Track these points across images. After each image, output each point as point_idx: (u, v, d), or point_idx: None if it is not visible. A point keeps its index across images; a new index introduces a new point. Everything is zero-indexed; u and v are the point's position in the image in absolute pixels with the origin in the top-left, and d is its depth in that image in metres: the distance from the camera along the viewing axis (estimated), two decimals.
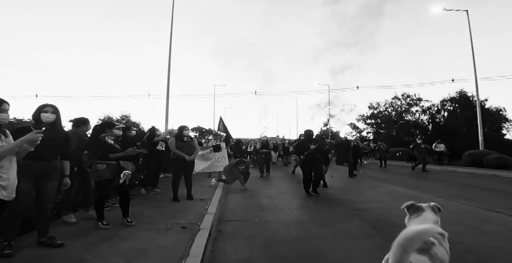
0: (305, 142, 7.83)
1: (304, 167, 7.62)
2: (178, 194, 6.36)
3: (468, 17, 17.86)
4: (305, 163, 7.52)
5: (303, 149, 7.58)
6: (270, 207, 6.14)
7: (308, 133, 8.01)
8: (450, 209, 5.62)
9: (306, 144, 7.65)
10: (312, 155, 7.42)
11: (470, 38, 17.97)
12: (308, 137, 7.95)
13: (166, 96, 17.77)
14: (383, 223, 4.78)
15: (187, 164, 6.39)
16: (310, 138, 7.99)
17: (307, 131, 8.05)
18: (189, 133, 6.66)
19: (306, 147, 7.53)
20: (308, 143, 7.68)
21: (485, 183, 9.89)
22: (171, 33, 17.06)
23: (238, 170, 8.59)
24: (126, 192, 4.44)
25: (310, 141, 7.76)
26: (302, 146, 7.77)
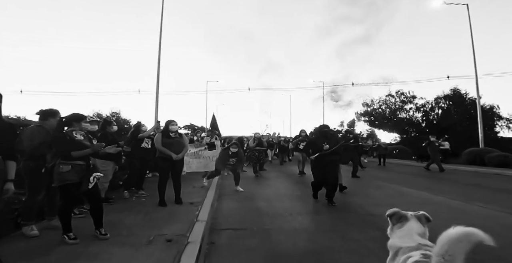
0: (319, 140, 6.39)
1: (315, 170, 6.30)
2: (166, 197, 5.63)
3: (469, 12, 17.39)
4: (317, 166, 6.19)
5: (316, 148, 6.24)
6: (269, 212, 5.45)
7: (323, 130, 6.50)
8: (471, 214, 5.03)
9: (320, 143, 6.21)
10: (326, 156, 6.07)
11: (470, 33, 17.50)
12: (323, 135, 6.46)
13: (156, 91, 16.99)
14: None
15: (174, 163, 5.64)
16: (326, 135, 6.44)
17: (323, 127, 6.61)
18: (177, 128, 5.90)
19: (319, 146, 6.16)
20: (322, 141, 6.23)
21: (495, 182, 9.33)
22: (161, 24, 16.29)
23: (228, 155, 7.89)
24: (97, 198, 3.66)
25: (324, 140, 6.27)
26: (314, 144, 6.39)
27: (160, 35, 16.26)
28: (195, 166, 10.50)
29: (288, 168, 13.91)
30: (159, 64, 16.26)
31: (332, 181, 6.05)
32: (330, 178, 6.04)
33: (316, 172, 6.28)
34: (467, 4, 17.48)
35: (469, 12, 17.35)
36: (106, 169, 5.62)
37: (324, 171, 6.06)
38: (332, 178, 6.06)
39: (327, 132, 6.48)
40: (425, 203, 5.83)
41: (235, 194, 7.37)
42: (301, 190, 7.89)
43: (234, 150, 7.82)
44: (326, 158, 6.07)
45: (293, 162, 16.13)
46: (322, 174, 6.12)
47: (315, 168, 6.29)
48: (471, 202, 5.93)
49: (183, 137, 5.97)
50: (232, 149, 7.83)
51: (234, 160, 7.86)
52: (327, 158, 6.07)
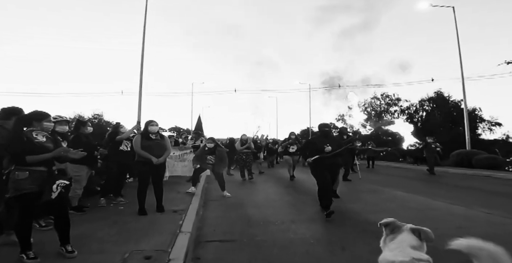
0: (319, 140, 5.55)
1: (318, 173, 5.39)
2: (146, 204, 5.13)
3: (455, 14, 17.45)
4: (318, 168, 5.36)
5: (314, 150, 5.42)
6: (260, 220, 5.01)
7: (324, 130, 5.64)
8: (476, 220, 4.70)
9: (320, 144, 5.39)
10: (327, 159, 5.31)
11: (456, 36, 17.56)
12: (323, 135, 5.61)
13: (139, 92, 16.32)
14: None
15: (155, 167, 5.12)
16: (327, 136, 5.58)
17: (323, 126, 5.70)
18: (157, 129, 5.38)
19: (319, 148, 5.34)
20: (323, 142, 5.40)
21: (488, 185, 9.14)
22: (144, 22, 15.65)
23: (203, 150, 7.36)
24: (62, 210, 3.12)
25: (325, 140, 5.42)
26: (313, 146, 5.54)
27: (143, 33, 15.64)
28: (180, 169, 10.00)
29: (277, 171, 13.50)
30: (142, 64, 15.63)
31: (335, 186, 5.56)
32: (333, 181, 5.49)
33: (320, 175, 5.33)
34: (453, 7, 17.56)
35: (455, 14, 17.42)
36: (80, 174, 5.10)
37: (328, 172, 5.33)
38: (336, 184, 5.55)
39: (328, 132, 5.64)
40: (425, 209, 5.51)
41: (222, 200, 6.90)
42: (292, 195, 7.49)
43: (210, 146, 7.29)
44: (327, 161, 5.30)
45: (281, 165, 15.73)
46: (327, 176, 5.28)
47: (316, 170, 5.41)
48: (472, 207, 5.63)
49: (164, 139, 5.46)
50: (208, 144, 7.32)
51: (212, 157, 7.25)
52: (327, 161, 5.31)
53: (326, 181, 5.23)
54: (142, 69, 15.61)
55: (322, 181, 5.26)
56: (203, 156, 7.25)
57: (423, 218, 4.77)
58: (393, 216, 5.00)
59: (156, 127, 5.31)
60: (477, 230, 4.11)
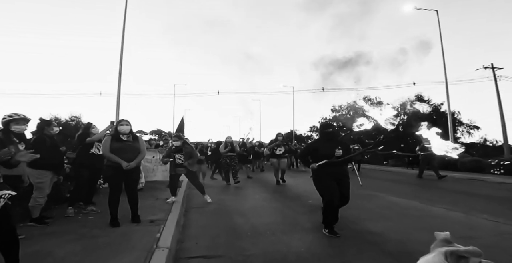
0: (322, 144, 4.47)
1: (323, 183, 4.32)
2: (120, 214, 4.56)
3: (438, 18, 17.51)
4: (324, 177, 4.30)
5: (317, 155, 4.36)
6: (247, 231, 4.52)
7: (327, 131, 4.56)
8: (483, 229, 4.35)
9: (324, 149, 4.34)
10: (336, 166, 4.30)
11: (440, 40, 17.65)
12: (327, 137, 4.53)
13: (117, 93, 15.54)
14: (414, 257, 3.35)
15: (127, 173, 4.52)
16: (331, 138, 4.53)
17: (326, 127, 4.70)
18: (128, 129, 4.75)
19: (324, 153, 4.30)
20: (326, 146, 4.35)
21: (478, 189, 8.95)
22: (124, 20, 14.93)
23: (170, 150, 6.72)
24: (7, 227, 2.52)
25: (330, 144, 4.37)
26: (315, 150, 4.47)
27: (123, 30, 14.88)
28: (161, 174, 9.40)
29: (263, 175, 13.04)
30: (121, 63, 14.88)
31: (342, 203, 4.28)
32: (346, 197, 4.28)
33: (326, 185, 4.26)
34: (436, 10, 17.64)
35: (439, 18, 17.51)
36: (42, 180, 4.49)
37: (335, 184, 4.23)
38: (344, 201, 4.27)
39: (333, 134, 4.59)
40: (425, 216, 5.15)
41: (205, 206, 6.38)
42: (280, 201, 7.03)
43: (177, 143, 6.58)
44: (335, 169, 4.27)
45: (268, 169, 15.26)
46: (335, 187, 4.21)
47: (321, 179, 4.33)
48: (471, 213, 5.31)
49: (138, 140, 4.84)
50: (175, 142, 6.63)
51: (180, 155, 6.53)
52: (336, 169, 4.27)
53: (334, 192, 4.18)
54: (121, 69, 14.86)
55: (331, 193, 4.18)
56: (170, 155, 6.63)
57: (426, 226, 4.40)
58: (394, 224, 4.61)
59: (127, 127, 4.69)
60: (487, 240, 3.76)
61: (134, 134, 4.84)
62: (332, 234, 4.13)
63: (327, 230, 4.21)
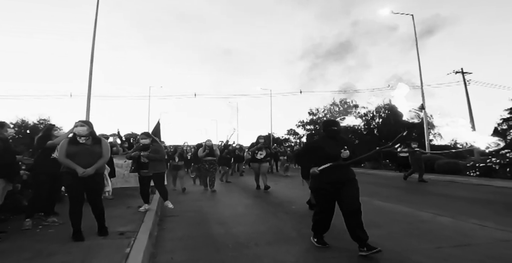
0: (327, 143, 3.78)
1: (321, 194, 3.75)
2: (86, 225, 4.03)
3: (414, 22, 17.86)
4: (324, 186, 3.66)
5: (322, 157, 3.68)
6: (228, 242, 4.11)
7: (330, 129, 3.82)
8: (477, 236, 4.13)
9: (330, 148, 3.68)
10: (341, 170, 3.67)
11: (415, 44, 17.98)
12: (330, 135, 3.83)
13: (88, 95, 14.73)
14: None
15: (87, 180, 3.96)
16: (335, 136, 3.82)
17: (329, 124, 3.90)
18: (86, 131, 4.13)
19: (328, 154, 3.65)
20: (332, 145, 3.71)
21: (458, 191, 8.94)
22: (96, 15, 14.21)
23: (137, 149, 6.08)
24: None
25: (335, 143, 3.73)
26: (320, 150, 3.75)
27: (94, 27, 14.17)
28: (134, 180, 8.77)
29: (242, 180, 12.64)
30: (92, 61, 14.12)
31: (354, 208, 3.53)
32: (351, 203, 3.53)
33: (322, 206, 3.75)
34: (412, 15, 17.99)
35: (414, 22, 17.85)
36: None
37: (337, 194, 3.62)
38: (354, 204, 3.54)
39: (336, 133, 3.82)
40: (415, 222, 4.91)
41: (182, 215, 5.92)
42: (262, 207, 6.67)
43: (145, 141, 5.98)
44: (339, 174, 3.63)
45: (248, 172, 14.88)
46: (332, 201, 3.69)
47: (320, 189, 3.72)
48: (460, 217, 5.13)
49: (100, 144, 4.24)
50: (142, 140, 6.02)
51: (145, 153, 5.91)
52: (339, 174, 3.63)
53: (328, 207, 3.71)
54: (92, 68, 14.10)
55: (323, 206, 3.74)
56: (136, 154, 6.05)
57: (418, 233, 4.17)
58: (385, 231, 4.21)
59: (82, 128, 4.10)
60: (485, 249, 3.54)
61: (96, 136, 4.29)
62: (321, 244, 3.79)
63: (316, 239, 3.85)
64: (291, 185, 10.67)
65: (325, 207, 3.74)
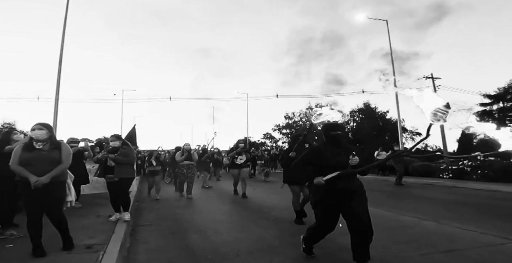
0: (329, 149, 3.29)
1: (323, 206, 3.25)
2: (49, 238, 3.64)
3: (388, 27, 18.28)
4: (327, 199, 3.19)
5: (327, 165, 3.19)
6: (207, 252, 3.85)
7: (334, 134, 3.31)
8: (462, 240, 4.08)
9: (334, 156, 3.22)
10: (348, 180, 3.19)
11: (390, 48, 18.38)
12: (333, 141, 3.32)
13: (55, 98, 13.94)
14: None
15: (44, 189, 3.47)
16: (338, 142, 3.31)
17: (332, 128, 3.38)
18: (44, 136, 3.67)
19: (337, 161, 3.18)
20: (335, 152, 3.24)
21: (434, 193, 9.09)
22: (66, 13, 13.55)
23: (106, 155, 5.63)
24: None
25: (347, 149, 3.27)
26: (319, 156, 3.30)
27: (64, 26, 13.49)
28: (102, 185, 8.29)
29: (219, 185, 12.31)
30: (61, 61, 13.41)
31: (363, 225, 3.09)
32: (360, 221, 3.08)
33: (327, 213, 3.24)
34: (386, 20, 18.42)
35: (388, 27, 18.27)
36: None
37: (343, 207, 3.15)
38: (363, 222, 3.09)
39: (341, 137, 3.36)
40: (398, 227, 4.83)
41: (157, 223, 5.59)
42: (240, 214, 6.43)
43: (115, 144, 5.54)
44: (346, 183, 3.15)
45: (225, 177, 14.57)
46: (337, 217, 3.22)
47: (322, 202, 3.25)
48: (443, 221, 5.11)
49: (60, 149, 3.77)
50: (112, 143, 5.58)
51: (113, 156, 5.44)
52: (347, 183, 3.16)
53: (330, 221, 3.26)
54: (60, 69, 13.38)
55: (325, 220, 3.28)
56: (103, 156, 5.64)
57: (404, 239, 4.08)
58: None
59: (40, 131, 3.65)
60: (475, 254, 3.47)
61: (56, 140, 3.89)
62: (306, 253, 3.56)
63: (305, 246, 3.55)
64: (270, 190, 10.48)
65: (327, 223, 3.27)
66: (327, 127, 3.43)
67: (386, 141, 30.85)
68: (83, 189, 7.29)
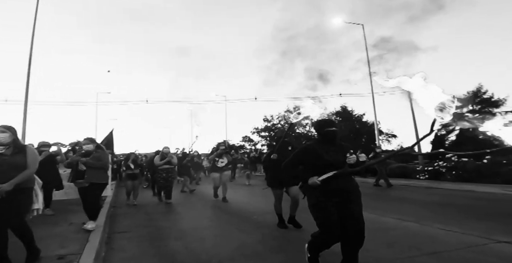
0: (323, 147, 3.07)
1: (324, 217, 2.93)
2: (15, 250, 3.34)
3: (364, 31, 18.63)
4: (327, 209, 2.92)
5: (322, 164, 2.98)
6: (188, 260, 3.69)
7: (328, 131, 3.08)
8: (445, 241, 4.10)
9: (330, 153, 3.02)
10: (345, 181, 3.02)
11: (366, 52, 18.73)
12: (327, 138, 3.12)
13: (25, 100, 13.40)
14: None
15: (6, 197, 3.17)
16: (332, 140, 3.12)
17: (328, 123, 3.15)
18: (8, 139, 3.36)
19: (333, 160, 2.98)
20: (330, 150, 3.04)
21: (411, 194, 9.24)
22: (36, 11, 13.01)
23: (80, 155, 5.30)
24: None
25: (342, 148, 3.10)
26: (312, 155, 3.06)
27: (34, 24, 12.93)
28: (74, 191, 7.93)
29: (199, 188, 12.03)
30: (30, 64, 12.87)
31: (362, 224, 2.94)
32: (358, 218, 2.93)
33: (328, 214, 2.90)
34: (362, 24, 18.78)
35: (364, 31, 18.63)
36: None
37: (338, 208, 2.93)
38: (359, 223, 2.93)
39: (336, 134, 3.12)
40: (381, 228, 4.80)
41: (134, 230, 5.34)
42: (221, 219, 6.28)
43: (88, 147, 5.21)
44: (343, 183, 2.97)
45: (205, 180, 14.32)
46: (337, 224, 2.88)
47: (323, 209, 2.93)
48: (425, 222, 5.15)
49: (25, 153, 3.46)
50: (85, 146, 5.24)
51: (84, 160, 5.12)
52: (344, 183, 2.98)
53: (336, 231, 2.88)
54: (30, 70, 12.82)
55: (332, 232, 2.89)
56: (73, 159, 5.32)
57: (388, 242, 4.06)
58: None
59: (5, 134, 3.35)
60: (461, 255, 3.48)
61: (20, 144, 3.59)
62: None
63: (309, 255, 3.11)
64: (250, 193, 10.37)
65: (331, 224, 2.87)
66: (322, 124, 3.18)
67: (363, 143, 31.41)
68: (55, 195, 6.90)
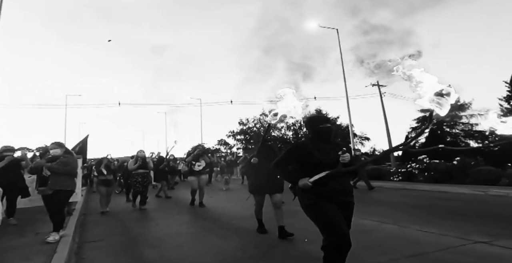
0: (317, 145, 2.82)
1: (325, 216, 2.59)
2: None
3: (338, 36, 18.97)
4: (325, 206, 2.62)
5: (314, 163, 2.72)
6: None
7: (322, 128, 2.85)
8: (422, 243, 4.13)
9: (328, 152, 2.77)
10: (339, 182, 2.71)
11: (340, 56, 19.08)
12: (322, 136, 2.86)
13: None
14: None
15: None
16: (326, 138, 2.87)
17: (322, 120, 2.98)
18: None
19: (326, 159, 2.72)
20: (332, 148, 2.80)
21: (383, 196, 9.42)
22: None
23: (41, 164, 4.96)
24: None
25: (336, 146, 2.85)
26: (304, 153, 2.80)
27: None
28: (39, 198, 7.46)
29: (174, 193, 11.73)
30: None
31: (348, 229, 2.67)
32: (349, 224, 2.72)
33: (330, 218, 2.58)
34: (337, 29, 19.13)
35: (339, 36, 18.98)
36: None
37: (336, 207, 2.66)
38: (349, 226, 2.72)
39: (329, 132, 2.88)
40: (361, 231, 4.74)
41: (107, 239, 5.07)
42: (199, 225, 6.09)
43: (55, 152, 4.91)
44: (337, 184, 2.70)
45: (182, 185, 13.98)
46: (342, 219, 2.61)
47: (321, 207, 2.65)
48: (403, 224, 5.20)
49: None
50: (52, 151, 4.94)
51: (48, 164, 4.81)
52: (338, 185, 2.70)
53: (344, 228, 2.57)
54: None
55: (340, 229, 2.54)
56: (37, 164, 5.01)
57: (368, 245, 4.03)
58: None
59: None
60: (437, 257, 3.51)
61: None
62: None
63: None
64: (227, 198, 10.21)
65: (339, 220, 2.57)
66: (315, 121, 2.97)
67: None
68: (19, 203, 6.45)
